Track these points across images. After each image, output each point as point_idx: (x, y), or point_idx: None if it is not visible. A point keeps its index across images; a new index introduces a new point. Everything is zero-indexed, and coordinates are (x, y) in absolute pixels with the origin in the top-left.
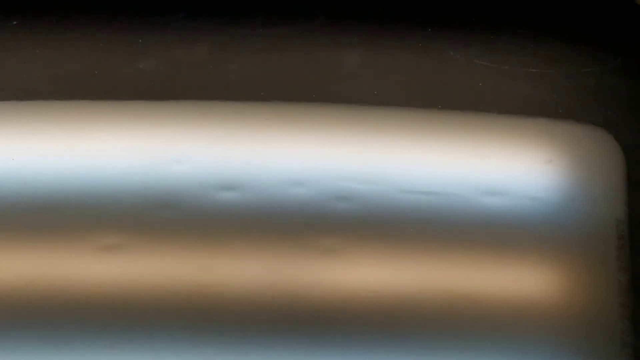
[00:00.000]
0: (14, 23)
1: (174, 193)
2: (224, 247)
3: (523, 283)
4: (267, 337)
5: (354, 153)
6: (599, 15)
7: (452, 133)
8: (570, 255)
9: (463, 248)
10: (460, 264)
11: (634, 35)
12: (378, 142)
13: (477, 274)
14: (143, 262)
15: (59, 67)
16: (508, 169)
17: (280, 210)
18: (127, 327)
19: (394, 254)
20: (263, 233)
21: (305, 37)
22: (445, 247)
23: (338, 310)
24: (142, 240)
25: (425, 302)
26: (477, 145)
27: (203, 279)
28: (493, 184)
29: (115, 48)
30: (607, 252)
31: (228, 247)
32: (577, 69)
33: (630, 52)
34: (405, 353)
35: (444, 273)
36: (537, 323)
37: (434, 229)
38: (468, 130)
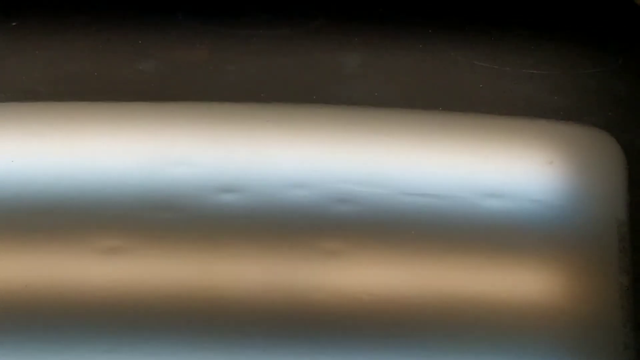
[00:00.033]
0: (14, 24)
1: (175, 195)
2: (225, 249)
3: (524, 285)
4: (268, 339)
5: (355, 155)
6: (600, 17)
7: (453, 135)
8: (572, 257)
9: (464, 250)
10: (462, 267)
11: (635, 36)
12: (379, 144)
13: (478, 276)
14: (143, 264)
15: (59, 68)
16: (509, 171)
17: (281, 213)
18: (127, 329)
19: (395, 257)
20: (264, 235)
21: (306, 38)
22: (447, 249)
23: (339, 313)
24: (142, 243)
25: (427, 304)
26: (478, 147)
27: (204, 282)
28: (494, 186)
29: (115, 49)
30: (608, 253)
31: (229, 249)
32: (578, 70)
33: (631, 53)
34: (408, 355)
35: (446, 275)
36: (538, 325)
37: (435, 232)
38: (469, 132)
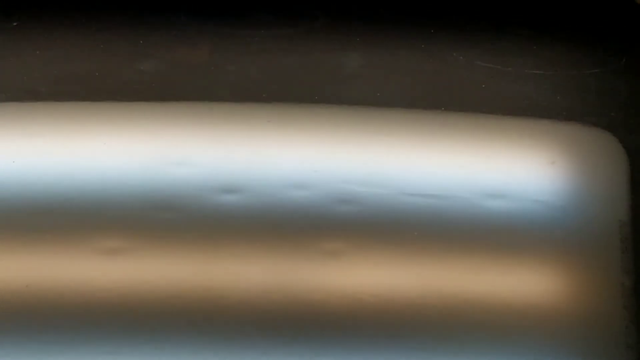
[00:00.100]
0: (14, 24)
1: (176, 195)
2: (226, 250)
3: (526, 286)
4: (269, 340)
5: (356, 155)
6: (601, 17)
7: (454, 135)
8: (574, 258)
9: (466, 251)
10: (463, 267)
11: (637, 36)
12: (380, 144)
13: (480, 277)
14: (144, 264)
15: (60, 68)
16: (511, 171)
17: (282, 213)
18: (128, 329)
19: (397, 257)
20: (265, 236)
21: (307, 38)
22: (448, 249)
23: (340, 313)
24: (143, 243)
25: (429, 304)
26: (479, 148)
27: (205, 282)
28: (495, 187)
29: (116, 49)
30: (610, 254)
31: (230, 250)
32: (579, 71)
33: (633, 53)
34: (408, 356)
35: (447, 276)
36: (540, 326)
37: (437, 232)
38: (470, 132)
